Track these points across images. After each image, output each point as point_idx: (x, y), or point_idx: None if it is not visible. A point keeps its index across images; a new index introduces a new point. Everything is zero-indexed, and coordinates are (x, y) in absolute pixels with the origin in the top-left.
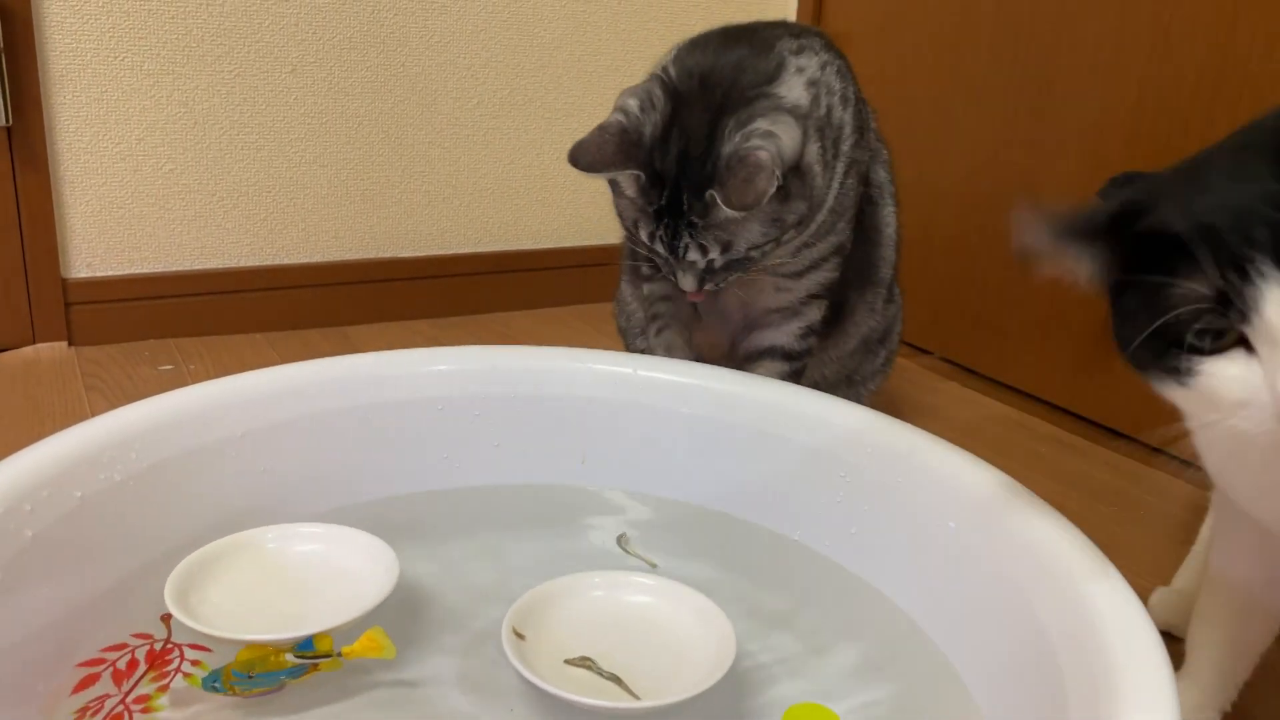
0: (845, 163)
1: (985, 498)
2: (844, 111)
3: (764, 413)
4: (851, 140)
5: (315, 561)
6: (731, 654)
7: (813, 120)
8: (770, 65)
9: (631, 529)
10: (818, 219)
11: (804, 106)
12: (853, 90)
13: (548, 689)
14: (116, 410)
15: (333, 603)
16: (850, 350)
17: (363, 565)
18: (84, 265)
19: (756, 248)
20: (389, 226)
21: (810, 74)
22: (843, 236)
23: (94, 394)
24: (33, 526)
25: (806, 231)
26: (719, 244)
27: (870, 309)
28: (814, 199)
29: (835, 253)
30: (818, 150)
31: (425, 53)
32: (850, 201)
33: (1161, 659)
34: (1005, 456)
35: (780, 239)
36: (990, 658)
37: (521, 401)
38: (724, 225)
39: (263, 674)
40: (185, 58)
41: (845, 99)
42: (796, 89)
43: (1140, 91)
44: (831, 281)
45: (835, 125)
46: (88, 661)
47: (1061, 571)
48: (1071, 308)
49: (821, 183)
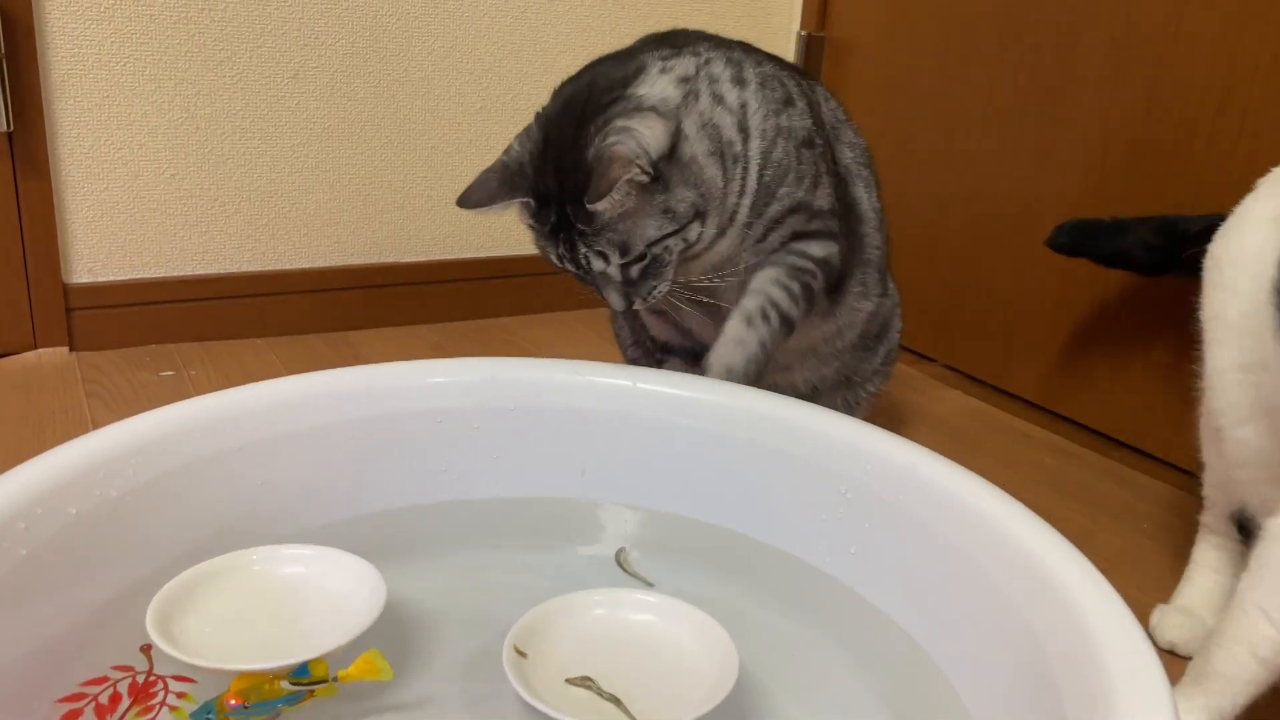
0: (761, 135)
1: (985, 514)
2: (740, 91)
3: (764, 426)
4: (763, 112)
5: (301, 585)
6: (734, 675)
7: (691, 113)
8: (629, 70)
9: (630, 543)
10: (741, 202)
11: (672, 100)
12: (754, 71)
13: (548, 712)
14: (113, 425)
15: (321, 628)
16: (849, 340)
17: (350, 588)
18: (85, 270)
19: (657, 243)
20: (391, 231)
21: (681, 72)
22: (799, 197)
23: (94, 400)
24: (27, 545)
25: (725, 216)
26: (615, 247)
27: (863, 289)
28: (706, 187)
29: (795, 210)
30: (707, 142)
31: (427, 58)
32: (790, 163)
33: (1159, 678)
34: (1008, 466)
35: (683, 232)
36: (988, 675)
37: (520, 414)
38: (610, 226)
39: (259, 703)
40: (187, 63)
41: (740, 80)
42: (660, 86)
43: (1147, 100)
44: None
45: (730, 107)
46: (68, 697)
47: (1059, 590)
48: (1076, 317)
49: (714, 172)
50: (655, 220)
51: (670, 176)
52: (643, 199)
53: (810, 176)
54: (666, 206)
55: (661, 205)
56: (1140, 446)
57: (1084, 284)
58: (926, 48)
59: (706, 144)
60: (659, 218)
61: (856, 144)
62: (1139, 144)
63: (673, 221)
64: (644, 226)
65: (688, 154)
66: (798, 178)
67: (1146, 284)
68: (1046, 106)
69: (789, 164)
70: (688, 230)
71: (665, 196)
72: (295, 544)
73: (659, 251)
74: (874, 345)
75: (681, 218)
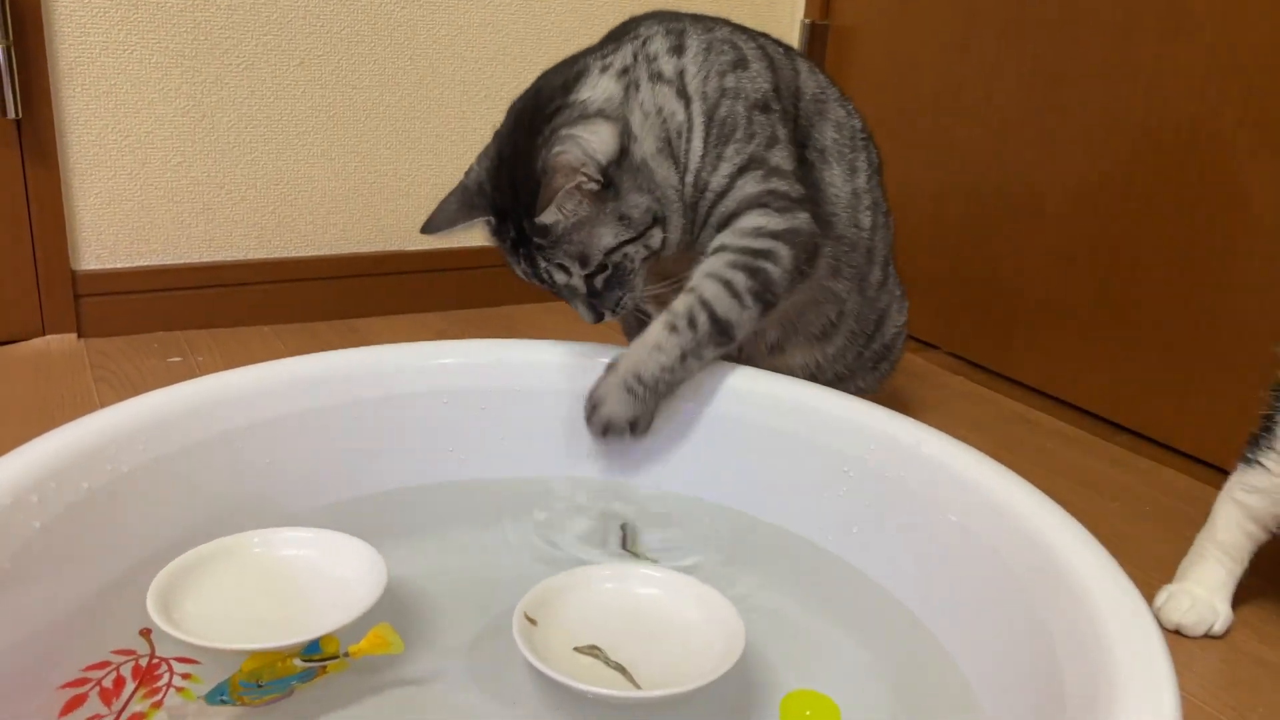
0: (703, 97)
1: (989, 493)
2: (677, 59)
3: (769, 407)
4: (703, 74)
5: (302, 566)
6: (739, 647)
7: (634, 106)
8: (569, 75)
9: (634, 523)
10: (689, 179)
11: (616, 98)
12: (699, 39)
13: (554, 676)
14: (122, 403)
15: (324, 607)
16: (827, 319)
17: (350, 568)
18: (93, 258)
19: (615, 251)
20: (397, 219)
21: (620, 64)
22: (750, 151)
23: (103, 385)
24: (40, 518)
25: (686, 211)
26: (574, 259)
27: (833, 267)
28: (661, 190)
29: (746, 168)
30: (654, 136)
31: (433, 45)
32: (739, 121)
33: (1163, 656)
34: (1011, 452)
35: (643, 239)
36: (991, 652)
37: (527, 395)
38: (566, 238)
39: (272, 681)
40: (193, 51)
41: (678, 49)
42: (602, 87)
43: (1148, 87)
44: None
45: (668, 78)
46: (71, 683)
47: (1064, 567)
48: (1077, 303)
49: (666, 170)
50: (611, 228)
51: (621, 182)
52: (596, 207)
53: (764, 137)
54: (621, 213)
55: (615, 213)
56: (1142, 431)
57: (1086, 270)
58: (929, 34)
59: (654, 138)
60: (614, 225)
61: (845, 124)
62: (1142, 129)
63: (629, 228)
64: (600, 236)
65: (638, 156)
66: (747, 135)
67: (1147, 270)
68: (1049, 93)
69: (735, 122)
70: (648, 237)
71: (618, 203)
72: (294, 527)
73: (619, 260)
74: (869, 339)
75: (638, 224)
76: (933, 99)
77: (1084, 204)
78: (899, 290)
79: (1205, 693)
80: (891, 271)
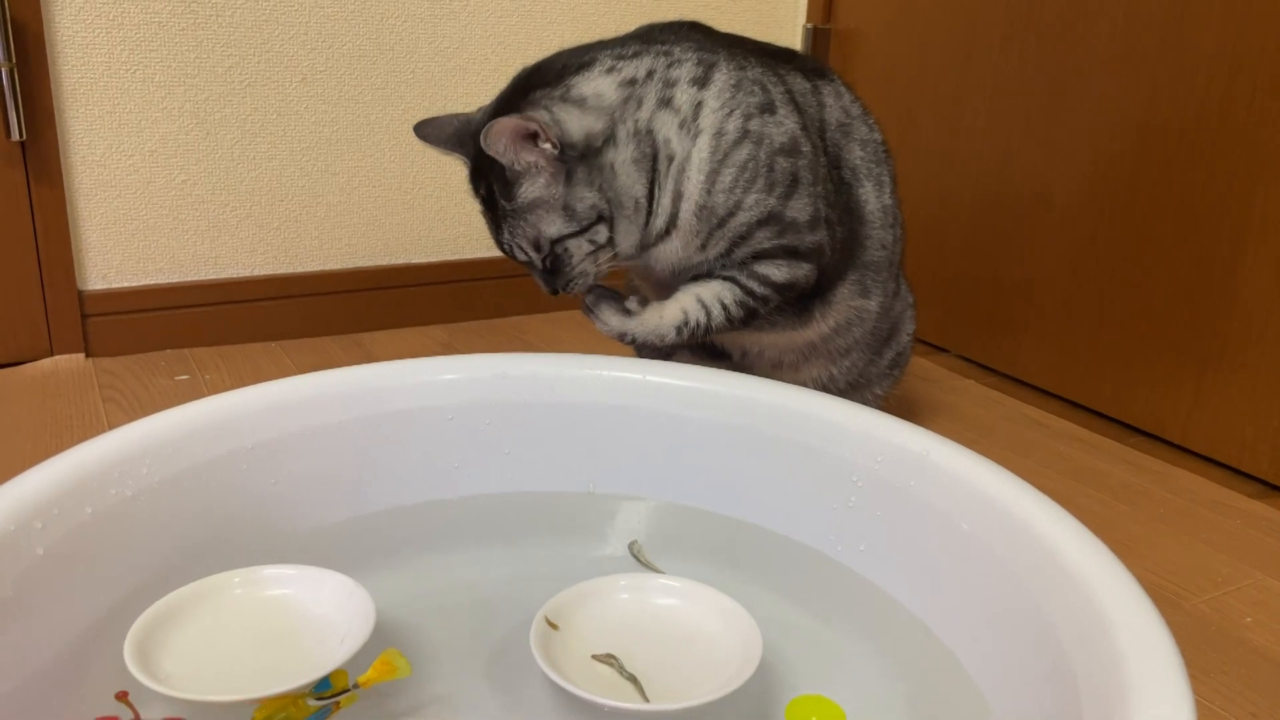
0: (717, 134)
1: (999, 500)
2: (698, 91)
3: (775, 417)
4: (724, 112)
5: (287, 604)
6: (756, 659)
7: (627, 119)
8: (577, 61)
9: (643, 535)
10: (680, 206)
11: (606, 99)
12: (729, 75)
13: (566, 686)
14: (128, 425)
15: (319, 644)
16: (856, 338)
17: (336, 603)
18: (99, 277)
19: (559, 242)
20: (402, 233)
21: (630, 74)
22: (770, 205)
23: (111, 405)
24: (43, 544)
25: (650, 221)
26: (529, 241)
27: (860, 287)
28: (616, 193)
29: (764, 223)
30: (633, 149)
31: (435, 59)
32: (759, 169)
33: (1175, 664)
34: (1023, 455)
35: (587, 233)
36: (1003, 662)
37: (531, 409)
38: (522, 213)
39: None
40: (196, 69)
41: (703, 81)
42: (598, 85)
43: (1153, 86)
44: (773, 274)
45: (677, 107)
46: None
47: (1074, 575)
48: (1088, 303)
49: (632, 179)
50: (558, 217)
51: (575, 173)
52: (550, 188)
53: (784, 185)
54: (566, 203)
55: (562, 201)
56: (1156, 433)
57: (1095, 271)
58: (932, 38)
59: (633, 151)
60: (560, 214)
61: (870, 140)
62: (1147, 128)
63: (572, 221)
64: (549, 221)
65: (607, 160)
66: (768, 184)
67: (1157, 270)
68: (1053, 93)
69: (756, 170)
70: (593, 232)
71: (566, 192)
72: (274, 565)
73: (560, 251)
74: (882, 347)
75: (581, 218)
76: (937, 102)
77: (1092, 204)
78: (910, 298)
79: (1223, 699)
80: (903, 279)
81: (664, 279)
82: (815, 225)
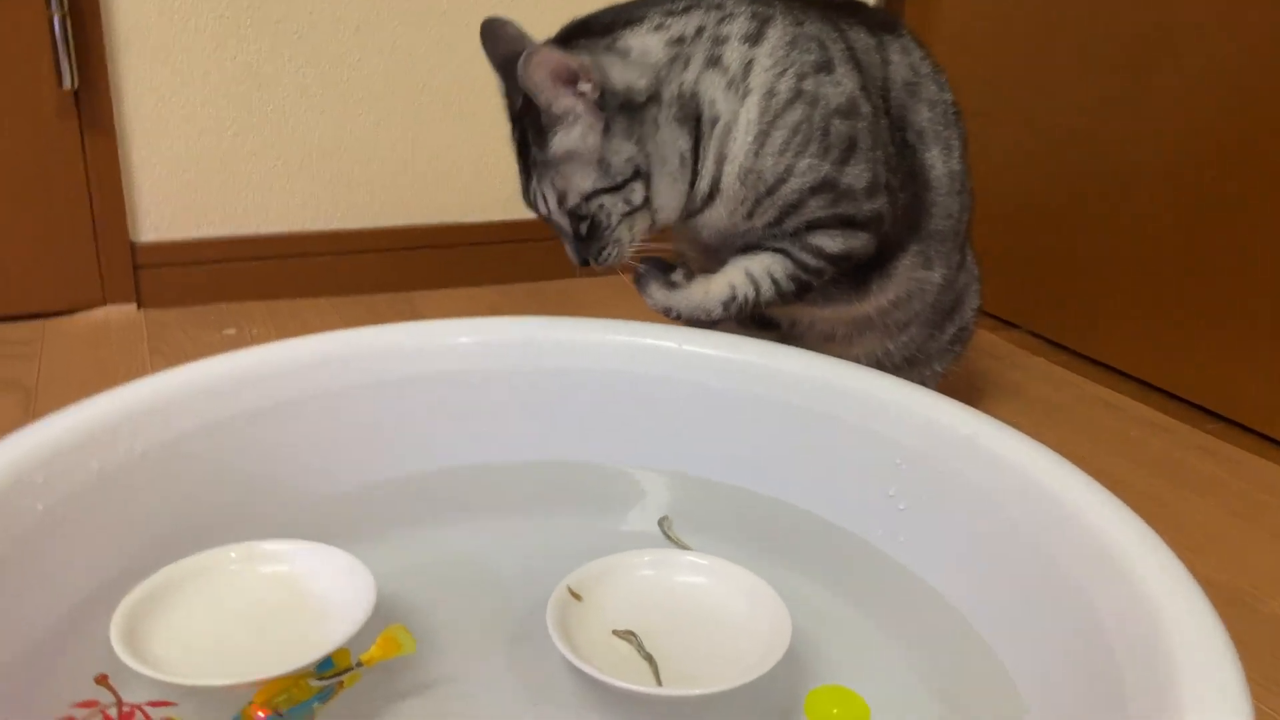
0: (768, 93)
1: (1048, 488)
2: (750, 48)
3: (814, 391)
4: (777, 70)
5: (286, 581)
6: (783, 645)
7: (673, 80)
8: (626, 16)
9: (673, 509)
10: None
11: (652, 56)
12: (785, 30)
13: (580, 666)
14: (134, 382)
15: (320, 622)
16: (915, 311)
17: (336, 579)
18: (151, 229)
19: (593, 198)
20: (455, 191)
21: (678, 31)
22: (824, 172)
23: (157, 357)
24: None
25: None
26: (555, 191)
27: (924, 258)
28: (657, 148)
29: (818, 190)
30: (678, 108)
31: (492, 11)
32: (813, 131)
33: (1231, 668)
34: (1093, 439)
35: (622, 191)
36: (1043, 659)
37: (560, 375)
38: (554, 163)
39: (292, 708)
40: (249, 19)
41: (756, 37)
42: (644, 41)
43: (1242, 56)
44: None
45: (725, 66)
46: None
47: (1127, 571)
48: (1169, 280)
49: (673, 135)
50: (592, 170)
51: (614, 125)
52: (585, 141)
53: (840, 149)
54: (602, 156)
55: (597, 154)
56: (1236, 418)
57: (1176, 248)
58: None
59: (676, 111)
60: (595, 168)
61: (939, 101)
62: (1247, 94)
63: (607, 176)
64: (582, 175)
65: (650, 114)
66: (822, 149)
67: (1240, 248)
68: (1145, 55)
69: (810, 133)
70: (629, 190)
71: (603, 144)
72: (272, 540)
73: (595, 209)
74: (944, 322)
75: (617, 173)
76: (1017, 63)
77: (1174, 179)
78: (976, 270)
79: (1265, 691)
80: (969, 250)
81: (712, 248)
82: (874, 192)
